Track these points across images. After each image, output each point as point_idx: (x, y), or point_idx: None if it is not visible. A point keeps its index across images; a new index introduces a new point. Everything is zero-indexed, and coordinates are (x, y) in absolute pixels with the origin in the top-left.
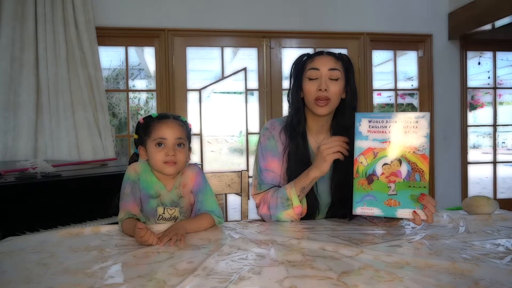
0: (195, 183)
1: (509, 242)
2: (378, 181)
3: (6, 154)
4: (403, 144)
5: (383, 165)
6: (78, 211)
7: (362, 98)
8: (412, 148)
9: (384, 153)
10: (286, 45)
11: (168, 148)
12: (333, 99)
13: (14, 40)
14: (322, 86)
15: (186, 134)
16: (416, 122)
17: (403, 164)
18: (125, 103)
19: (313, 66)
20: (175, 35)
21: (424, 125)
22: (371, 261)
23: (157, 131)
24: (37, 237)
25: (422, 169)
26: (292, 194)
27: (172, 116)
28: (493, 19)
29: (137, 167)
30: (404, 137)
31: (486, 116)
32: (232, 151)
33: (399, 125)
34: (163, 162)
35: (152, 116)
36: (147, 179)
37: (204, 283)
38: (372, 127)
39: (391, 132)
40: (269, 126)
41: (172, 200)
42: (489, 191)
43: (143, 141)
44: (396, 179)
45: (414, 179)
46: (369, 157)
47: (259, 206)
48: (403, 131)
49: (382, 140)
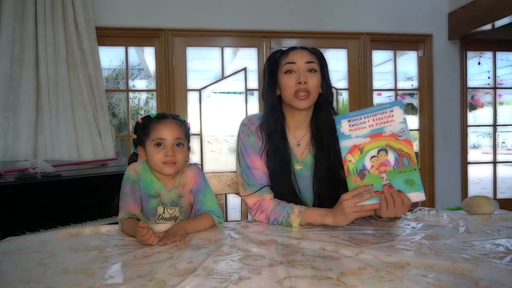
0: (194, 183)
1: (509, 242)
2: (370, 175)
3: (6, 154)
4: (384, 134)
5: (371, 158)
6: (78, 211)
7: (362, 98)
8: (394, 135)
9: (369, 147)
10: (286, 45)
11: (167, 148)
12: (312, 92)
13: (14, 40)
14: (301, 78)
15: (184, 134)
16: (391, 111)
17: (389, 153)
18: (125, 103)
19: (289, 60)
20: (175, 35)
21: (399, 112)
22: (371, 261)
23: (155, 131)
24: (37, 237)
25: (408, 153)
26: (295, 222)
27: (170, 115)
28: (493, 19)
29: (137, 167)
30: (384, 128)
31: (486, 116)
32: (232, 151)
33: (376, 118)
34: (162, 163)
35: (151, 116)
36: (147, 179)
37: (204, 283)
38: (352, 126)
39: (371, 126)
40: (247, 122)
41: (172, 199)
42: (489, 191)
43: (142, 141)
44: (386, 169)
45: (403, 164)
46: (356, 154)
47: (254, 211)
48: (381, 122)
49: (364, 135)
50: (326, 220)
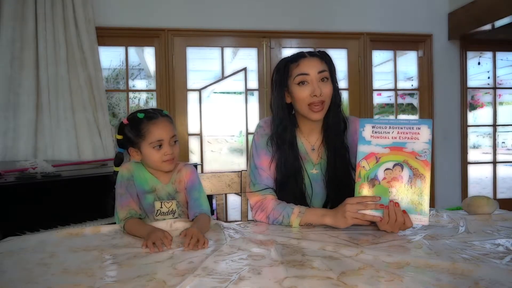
0: (189, 180)
1: (509, 242)
2: (379, 186)
3: (6, 154)
4: (405, 150)
5: (385, 170)
6: (78, 211)
7: (362, 98)
8: (414, 154)
9: (386, 158)
10: (286, 45)
11: (166, 147)
12: (326, 101)
13: (14, 40)
14: (317, 91)
15: (174, 128)
16: (418, 129)
17: (405, 169)
18: (125, 103)
19: (302, 71)
20: (175, 35)
21: (426, 132)
22: (371, 261)
23: (152, 134)
24: (37, 237)
25: (423, 174)
26: (295, 223)
27: (159, 113)
28: (493, 19)
29: (129, 166)
30: (406, 143)
31: (486, 116)
32: (232, 151)
33: (401, 131)
34: (162, 161)
35: (139, 117)
36: (141, 176)
37: (204, 283)
38: (375, 133)
39: (394, 138)
40: (263, 124)
41: (169, 193)
42: (489, 191)
43: (136, 143)
44: (397, 184)
45: (415, 185)
46: (371, 162)
47: (255, 210)
48: (405, 137)
49: (385, 145)
50: (325, 220)
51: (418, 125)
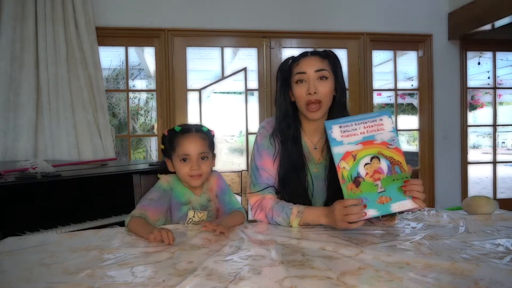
0: (218, 187)
1: (509, 242)
2: (365, 182)
3: (6, 154)
4: (376, 142)
5: (364, 165)
6: (78, 211)
7: (362, 98)
8: (385, 143)
9: (362, 154)
10: (286, 45)
11: (193, 163)
12: (324, 100)
13: (14, 40)
14: (311, 89)
15: (208, 145)
16: (381, 120)
17: (381, 160)
18: (125, 103)
19: (300, 70)
20: (175, 35)
21: (387, 121)
22: (371, 261)
23: (181, 147)
24: (37, 237)
25: (399, 161)
26: (295, 223)
27: (194, 128)
28: (493, 19)
29: (170, 179)
30: (374, 135)
31: (486, 116)
32: (232, 151)
33: (367, 125)
34: (188, 176)
35: (176, 130)
36: (179, 189)
37: (204, 283)
38: (344, 132)
39: (362, 133)
40: (266, 124)
41: (201, 204)
42: (489, 191)
43: (170, 154)
44: (380, 176)
45: (395, 172)
46: (349, 161)
47: (255, 210)
48: (372, 130)
49: (356, 142)
50: (321, 220)
51: (379, 116)
